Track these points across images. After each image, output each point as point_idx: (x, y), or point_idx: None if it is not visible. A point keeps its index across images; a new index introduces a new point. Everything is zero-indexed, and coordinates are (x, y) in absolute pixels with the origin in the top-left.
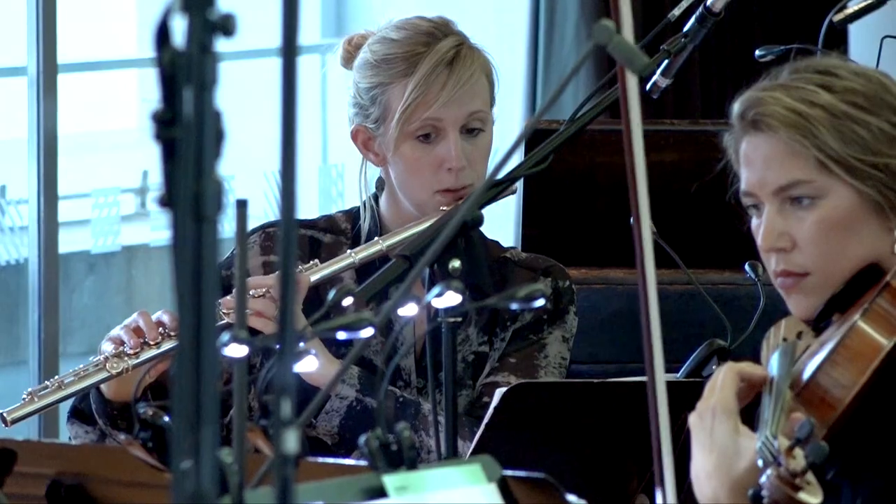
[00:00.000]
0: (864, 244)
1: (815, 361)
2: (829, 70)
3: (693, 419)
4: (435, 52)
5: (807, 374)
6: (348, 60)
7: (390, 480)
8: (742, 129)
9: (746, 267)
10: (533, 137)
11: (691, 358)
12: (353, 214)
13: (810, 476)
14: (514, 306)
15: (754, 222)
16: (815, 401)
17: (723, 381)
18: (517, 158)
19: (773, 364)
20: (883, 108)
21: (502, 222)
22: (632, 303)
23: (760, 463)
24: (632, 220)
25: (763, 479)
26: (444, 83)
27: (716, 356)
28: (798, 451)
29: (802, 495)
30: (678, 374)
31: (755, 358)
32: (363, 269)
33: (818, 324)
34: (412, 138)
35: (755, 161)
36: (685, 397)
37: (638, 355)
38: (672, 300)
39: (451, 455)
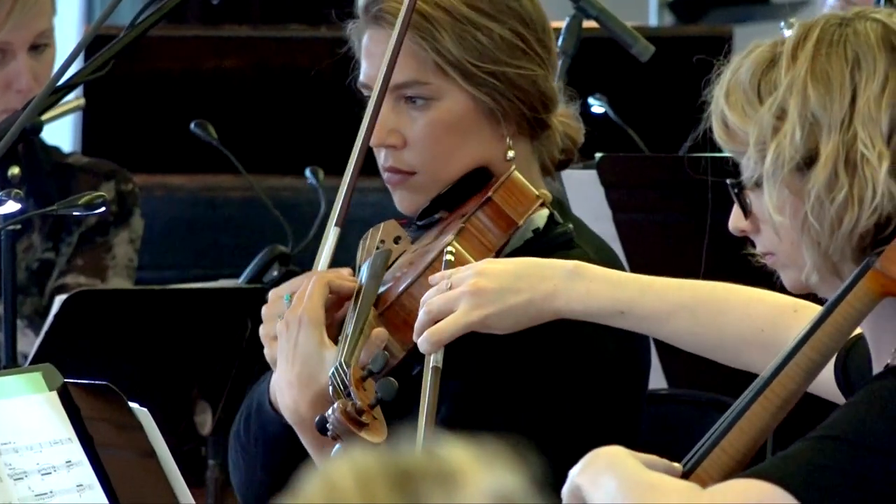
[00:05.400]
0: (475, 150)
1: (405, 279)
2: None
3: (280, 328)
4: None
5: (396, 291)
6: None
7: None
8: (365, 23)
9: (308, 172)
10: (93, 43)
11: (253, 264)
12: None
13: (378, 412)
14: (77, 213)
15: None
16: (398, 322)
17: (311, 290)
18: (77, 64)
19: (364, 273)
20: (508, 15)
21: (63, 129)
22: (192, 209)
23: (331, 391)
24: None
25: (329, 411)
26: (11, 8)
27: (277, 262)
28: (370, 384)
29: (365, 434)
30: (239, 281)
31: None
32: None
33: (422, 220)
34: None
35: (375, 55)
36: (247, 303)
37: (196, 261)
38: (233, 206)
39: (12, 364)
